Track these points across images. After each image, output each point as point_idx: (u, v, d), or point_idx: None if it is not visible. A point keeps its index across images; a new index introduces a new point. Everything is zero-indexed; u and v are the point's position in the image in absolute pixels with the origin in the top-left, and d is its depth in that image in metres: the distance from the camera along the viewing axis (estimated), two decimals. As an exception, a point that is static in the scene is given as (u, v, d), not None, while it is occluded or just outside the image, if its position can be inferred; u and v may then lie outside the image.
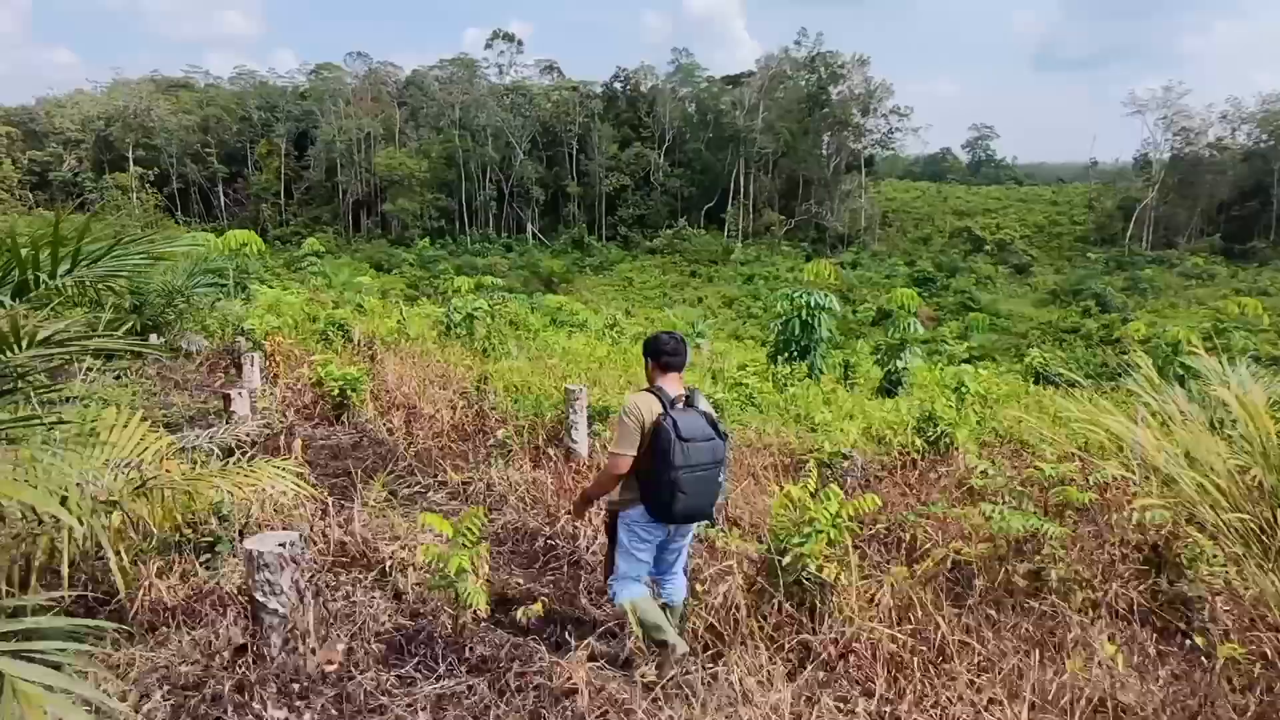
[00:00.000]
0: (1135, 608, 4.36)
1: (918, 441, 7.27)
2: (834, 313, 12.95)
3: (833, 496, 4.02)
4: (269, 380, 8.28)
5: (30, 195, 79.23)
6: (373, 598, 3.83)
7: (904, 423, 8.04)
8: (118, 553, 3.16)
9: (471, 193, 78.64)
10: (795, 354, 12.74)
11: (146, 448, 3.55)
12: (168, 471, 3.31)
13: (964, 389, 10.37)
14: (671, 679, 3.26)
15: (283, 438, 6.57)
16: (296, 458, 4.91)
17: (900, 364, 12.41)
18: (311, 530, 4.31)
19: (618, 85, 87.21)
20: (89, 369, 9.36)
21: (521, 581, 4.41)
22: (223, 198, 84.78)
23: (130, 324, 10.24)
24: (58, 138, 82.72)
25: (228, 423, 5.59)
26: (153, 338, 9.82)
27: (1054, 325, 50.70)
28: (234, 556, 4.25)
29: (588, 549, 4.82)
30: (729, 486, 5.78)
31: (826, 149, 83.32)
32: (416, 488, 5.66)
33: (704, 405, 3.69)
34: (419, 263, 64.80)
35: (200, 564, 4.01)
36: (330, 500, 5.25)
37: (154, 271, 11.06)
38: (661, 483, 3.43)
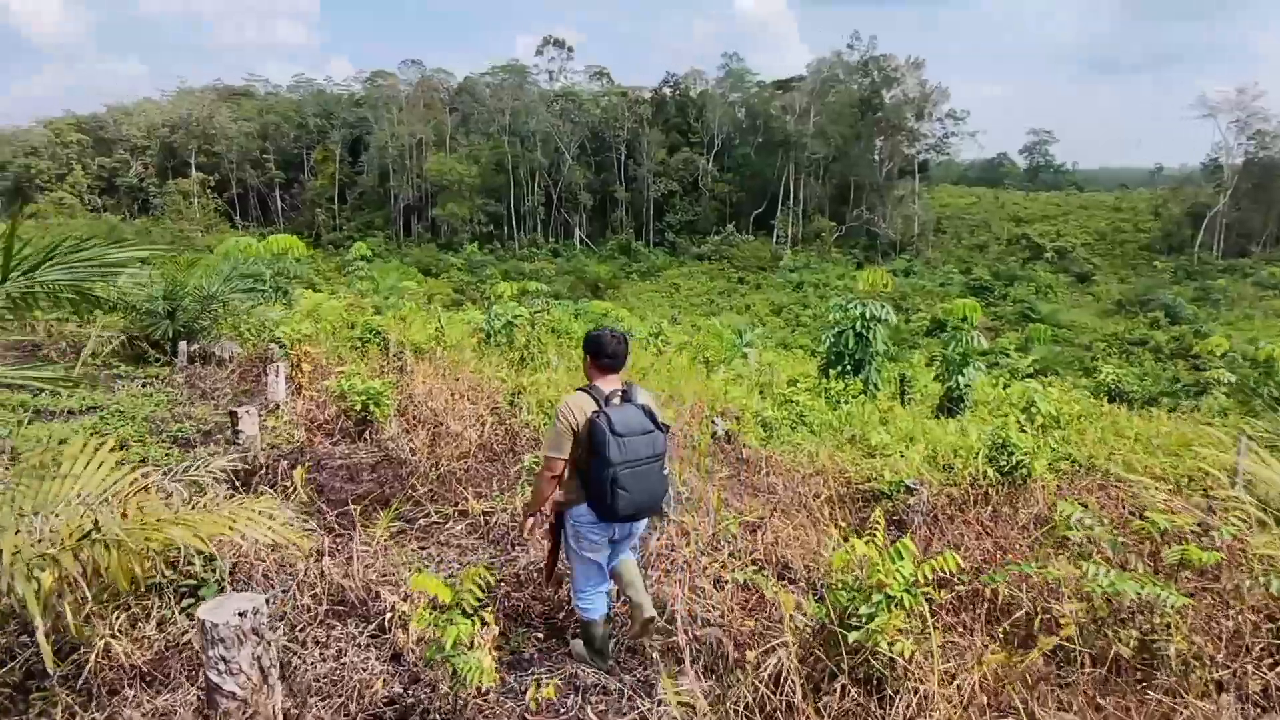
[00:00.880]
0: (1271, 691, 3.64)
1: (990, 472, 6.55)
2: (890, 324, 12.20)
3: (906, 553, 3.39)
4: (294, 391, 7.92)
5: (98, 200, 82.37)
6: (367, 658, 3.33)
7: (973, 449, 7.31)
8: (52, 610, 2.70)
9: (520, 198, 78.97)
10: (848, 368, 12.03)
11: (114, 483, 3.10)
12: (124, 515, 2.85)
13: (1034, 409, 9.55)
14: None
15: (282, 461, 6.16)
16: (297, 488, 4.44)
17: (962, 380, 11.60)
18: (306, 572, 3.83)
19: (667, 91, 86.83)
20: (119, 376, 9.17)
21: (542, 637, 3.87)
22: (279, 202, 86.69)
23: (164, 329, 10.04)
24: (125, 145, 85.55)
25: (235, 441, 5.18)
26: (182, 345, 9.57)
27: (1120, 337, 48.52)
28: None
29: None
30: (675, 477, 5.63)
31: (879, 154, 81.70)
32: (435, 517, 5.17)
33: (642, 399, 3.63)
34: (466, 267, 65.23)
35: (180, 610, 3.56)
36: (338, 530, 4.80)
37: (189, 276, 10.90)
38: (600, 480, 3.40)
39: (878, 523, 3.79)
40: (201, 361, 10.12)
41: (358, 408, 6.74)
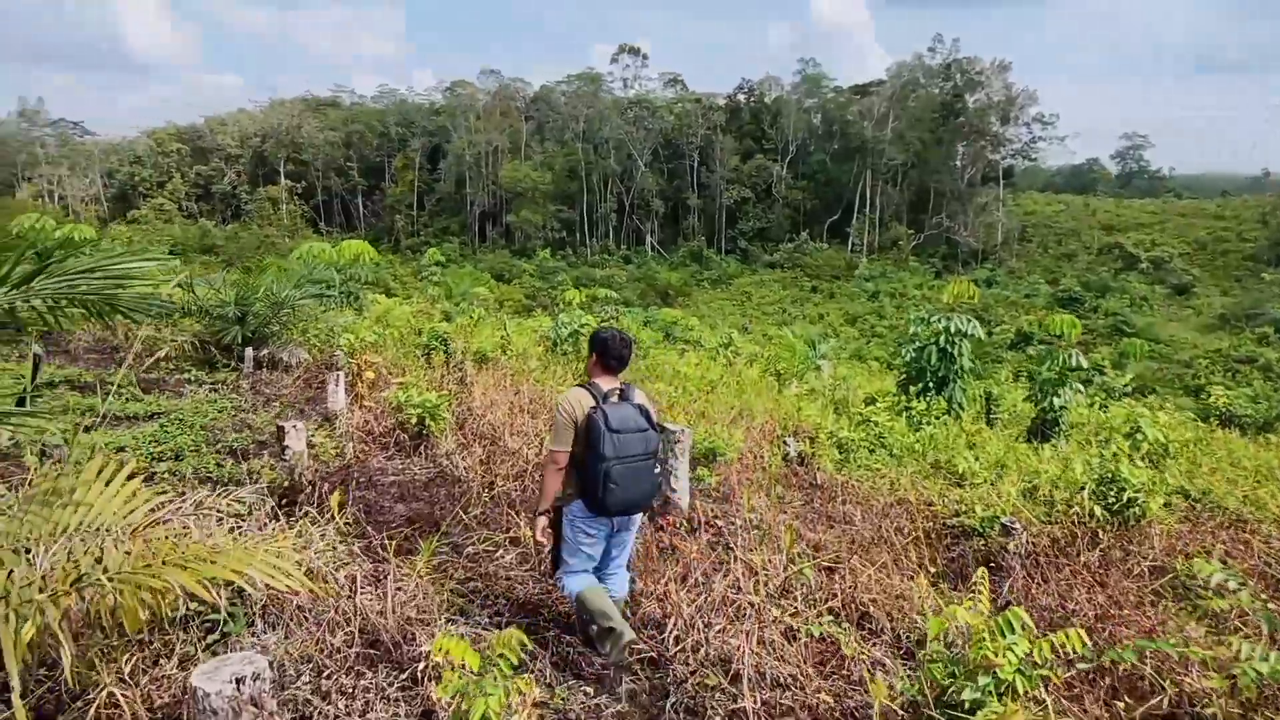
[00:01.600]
0: None
1: (1097, 510, 5.86)
2: (978, 340, 11.41)
3: (1017, 624, 2.87)
4: (354, 401, 7.77)
5: (194, 206, 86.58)
6: (396, 715, 3.00)
7: (1075, 481, 6.60)
8: (54, 649, 2.43)
9: (592, 205, 79.42)
10: (931, 385, 11.30)
11: (129, 513, 2.85)
12: (128, 553, 2.58)
13: (1140, 435, 8.70)
14: (618, 662, 3.58)
15: (330, 479, 5.94)
16: (333, 517, 4.18)
17: (1058, 402, 10.73)
18: (338, 609, 3.53)
19: (741, 97, 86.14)
20: (188, 381, 9.23)
21: (590, 693, 3.47)
22: (361, 209, 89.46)
23: (234, 334, 10.10)
24: (220, 154, 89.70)
25: (282, 457, 4.97)
26: (248, 351, 9.59)
27: (1224, 354, 45.41)
28: (251, 634, 3.54)
29: (675, 642, 3.84)
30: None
31: (960, 159, 79.10)
32: (485, 544, 4.85)
33: (638, 399, 3.75)
34: (538, 273, 65.80)
35: (205, 647, 3.31)
36: (381, 556, 4.52)
37: (261, 281, 10.97)
38: (594, 474, 3.49)
39: (979, 586, 3.25)
40: (269, 367, 10.14)
41: (413, 421, 6.52)
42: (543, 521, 3.78)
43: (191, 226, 72.27)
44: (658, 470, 3.73)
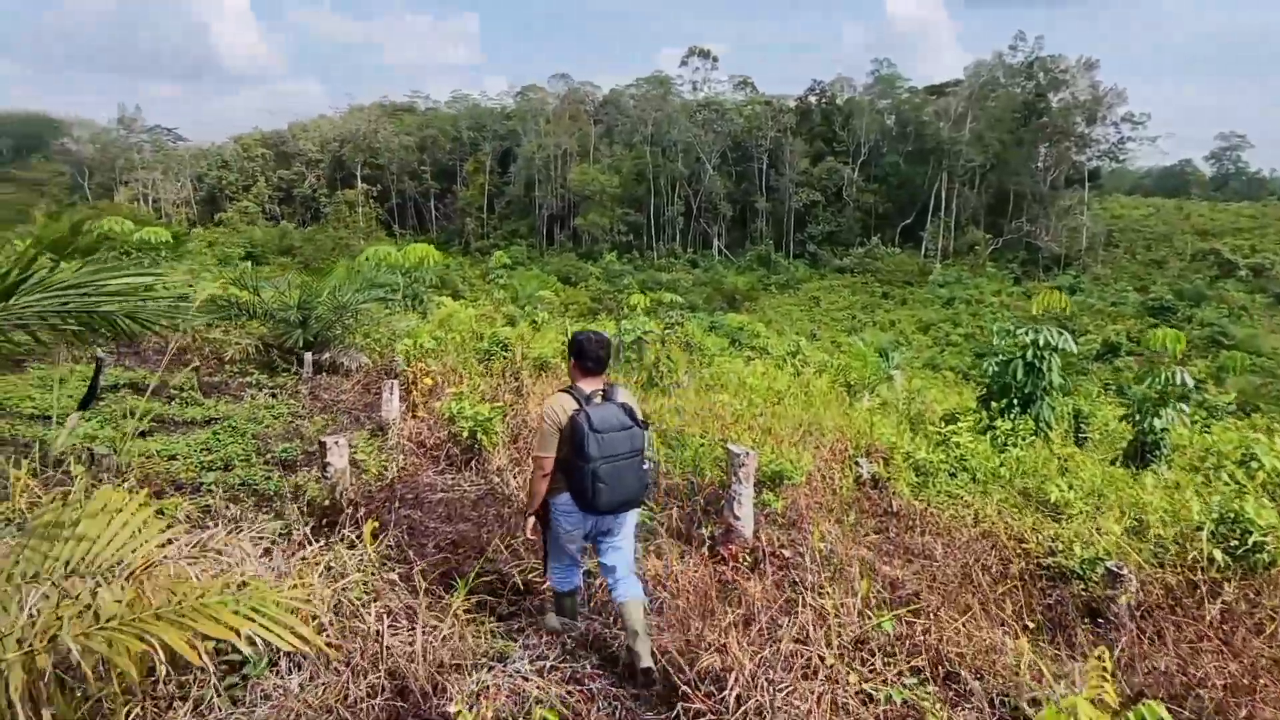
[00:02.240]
0: None
1: (1217, 554, 5.18)
2: (1069, 355, 10.61)
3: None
4: (408, 410, 7.58)
5: (276, 209, 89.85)
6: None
7: (1189, 518, 5.91)
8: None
9: (660, 208, 79.21)
10: (1015, 402, 10.54)
11: (135, 549, 2.60)
12: (117, 601, 2.30)
13: (1255, 463, 7.85)
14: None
15: (374, 499, 5.69)
16: (382, 535, 3.90)
17: (1158, 424, 9.86)
18: (362, 655, 3.23)
19: (812, 99, 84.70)
20: (249, 385, 9.23)
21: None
22: (433, 211, 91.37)
23: (295, 337, 10.09)
24: (301, 158, 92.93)
25: (323, 474, 4.73)
26: (308, 356, 9.55)
27: (1334, 368, 42.27)
28: (274, 673, 3.27)
29: (737, 703, 3.42)
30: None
31: (1043, 161, 75.96)
32: (534, 573, 4.52)
33: (622, 397, 3.81)
34: (604, 277, 65.91)
35: (224, 690, 3.05)
36: (422, 583, 4.23)
37: (325, 284, 10.95)
38: (581, 475, 3.58)
39: (1094, 655, 2.74)
40: (330, 371, 10.10)
41: (465, 435, 6.25)
42: (531, 522, 4.01)
43: (272, 229, 74.89)
44: (646, 466, 3.82)
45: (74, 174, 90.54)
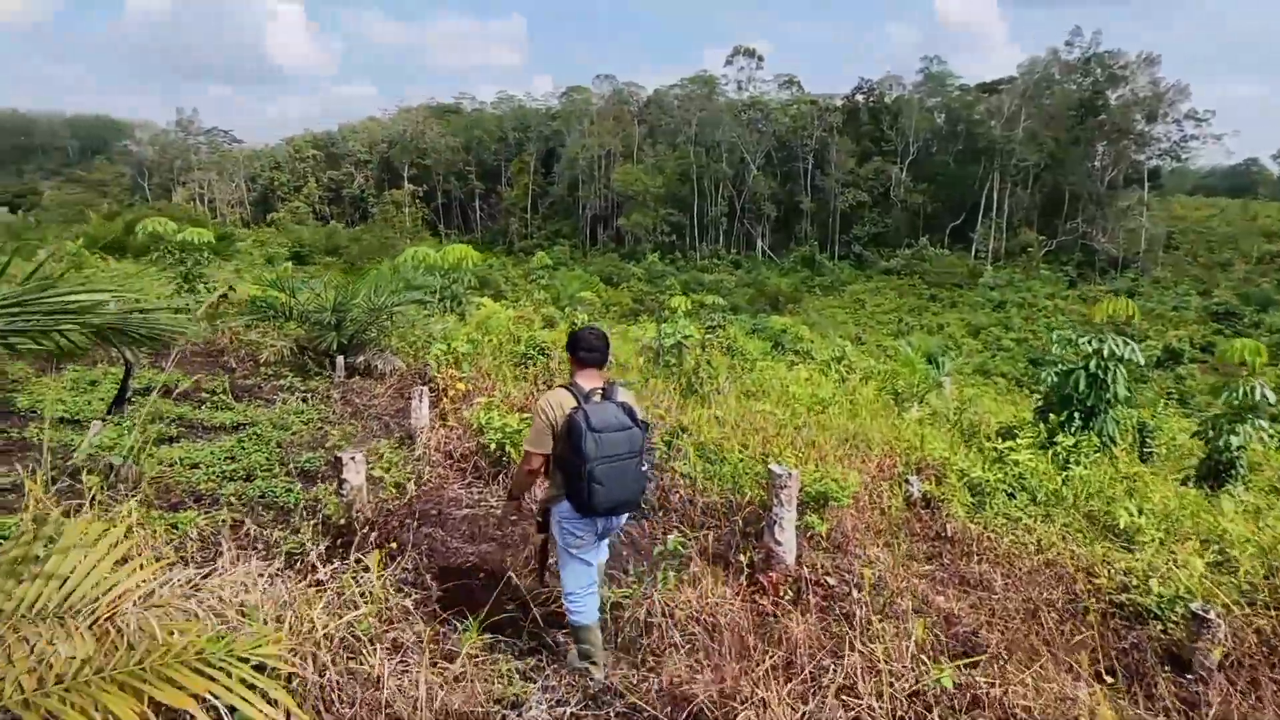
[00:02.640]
0: None
1: (1317, 597, 4.66)
2: (1136, 365, 9.98)
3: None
4: (437, 418, 7.35)
5: (326, 209, 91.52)
6: None
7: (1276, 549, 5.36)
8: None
9: (703, 208, 78.70)
10: (1077, 415, 9.95)
11: (107, 589, 2.34)
12: (71, 658, 2.04)
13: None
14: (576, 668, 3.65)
15: (394, 516, 5.44)
16: (401, 554, 3.64)
17: (1235, 441, 9.19)
18: (360, 704, 2.95)
19: (860, 98, 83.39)
20: (281, 388, 9.11)
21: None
22: (478, 211, 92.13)
23: (330, 340, 9.96)
24: (350, 159, 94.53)
25: (339, 492, 4.49)
26: (340, 359, 9.40)
27: None
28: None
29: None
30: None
31: (1100, 160, 73.54)
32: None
33: (621, 397, 3.71)
34: (646, 277, 65.61)
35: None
36: (438, 614, 3.96)
37: (361, 286, 10.82)
38: (578, 475, 3.48)
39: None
40: (364, 374, 9.96)
41: (493, 446, 5.98)
42: (512, 505, 4.04)
43: (320, 228, 76.20)
44: (645, 468, 3.72)
45: (134, 175, 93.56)
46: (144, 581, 2.43)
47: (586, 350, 3.73)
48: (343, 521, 4.34)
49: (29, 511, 4.49)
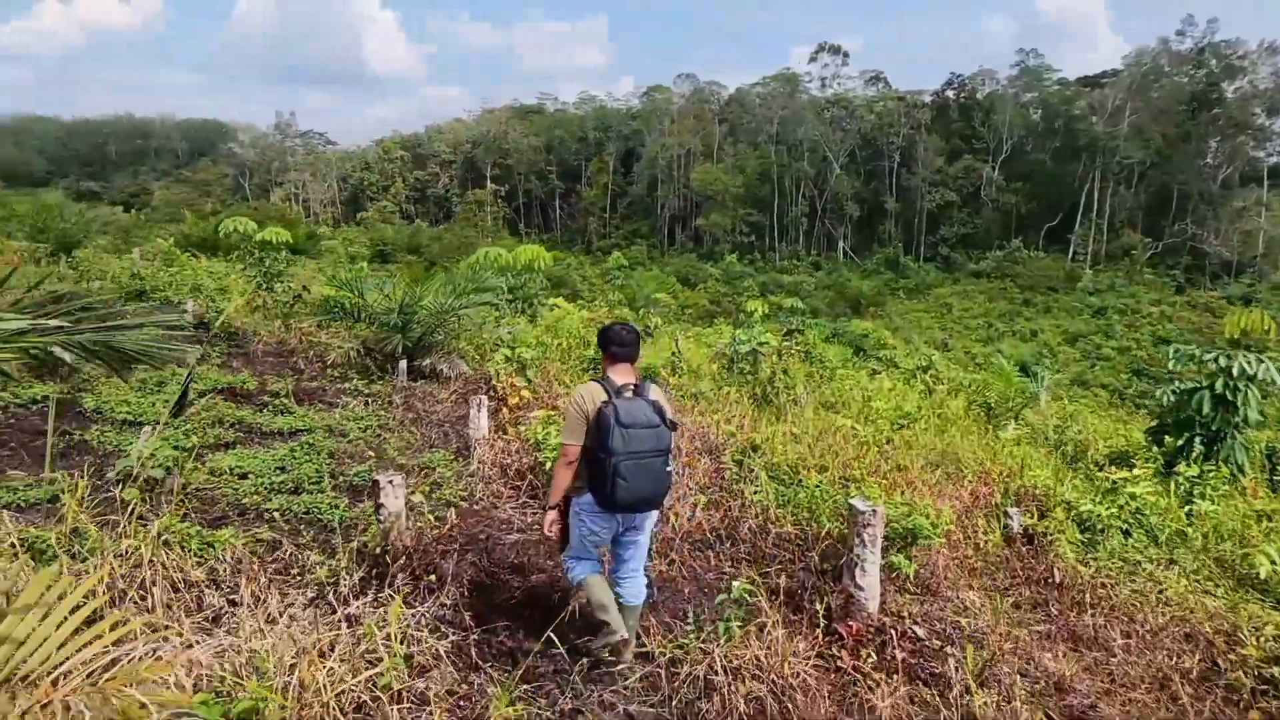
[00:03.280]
0: None
1: None
2: (1272, 384, 8.88)
3: None
4: (497, 429, 7.02)
5: (412, 208, 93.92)
6: None
7: None
8: None
9: (783, 208, 77.28)
10: (1199, 440, 8.92)
11: (68, 656, 2.01)
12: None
13: None
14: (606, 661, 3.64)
15: (439, 543, 5.09)
16: (442, 586, 3.26)
17: (1391, 475, 8.05)
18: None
19: (950, 93, 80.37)
20: (344, 391, 8.98)
21: None
22: (558, 211, 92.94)
23: (395, 343, 9.80)
24: (436, 160, 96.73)
25: (376, 515, 4.15)
26: (402, 364, 9.21)
27: None
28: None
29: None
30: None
31: (1212, 157, 68.70)
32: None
33: (653, 395, 3.71)
34: (724, 278, 64.75)
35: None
36: (480, 654, 3.58)
37: (429, 288, 10.65)
38: (603, 469, 3.49)
39: None
40: (429, 377, 9.77)
41: (548, 466, 5.58)
42: (551, 515, 3.86)
43: (404, 227, 78.11)
44: (670, 467, 3.73)
45: (236, 176, 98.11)
46: (107, 649, 2.08)
47: (618, 345, 3.75)
48: (379, 550, 4.00)
49: (66, 524, 4.33)
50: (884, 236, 75.47)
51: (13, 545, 4.21)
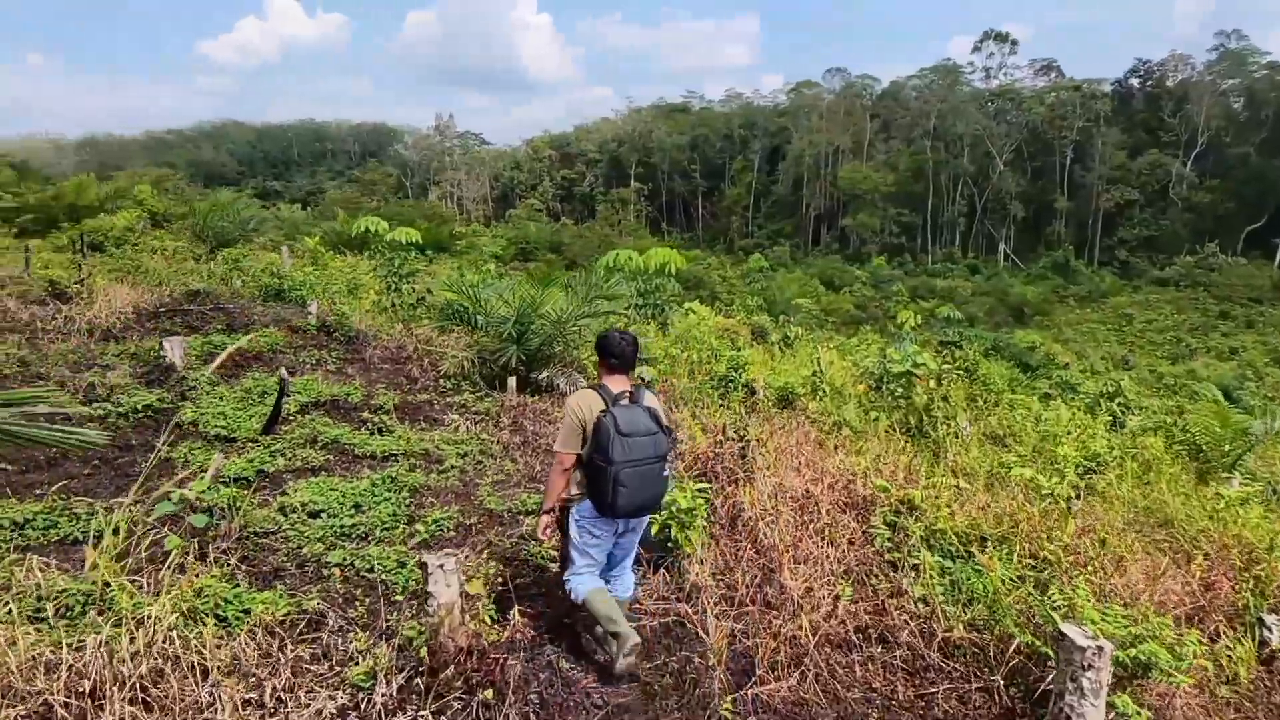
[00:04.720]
0: None
1: None
2: None
3: None
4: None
5: (558, 206, 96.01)
6: None
7: None
8: None
9: (938, 208, 72.75)
10: None
11: None
12: None
13: None
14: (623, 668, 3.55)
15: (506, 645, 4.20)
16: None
17: None
18: None
19: (1134, 81, 72.88)
20: (450, 405, 8.38)
21: None
22: (700, 209, 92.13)
23: (510, 355, 9.12)
24: (582, 159, 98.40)
25: (424, 609, 3.29)
26: (511, 381, 8.50)
27: None
28: None
29: None
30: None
31: None
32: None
33: (649, 401, 3.74)
34: (871, 282, 61.54)
35: None
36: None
37: (551, 295, 9.94)
38: (603, 477, 3.50)
39: None
40: (547, 393, 9.05)
41: (654, 530, 4.58)
42: (545, 520, 3.81)
43: (547, 225, 79.66)
44: (667, 473, 3.72)
45: (399, 175, 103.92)
46: None
47: (616, 356, 3.74)
48: (424, 652, 3.14)
49: (100, 575, 3.77)
50: (1052, 238, 69.44)
51: (38, 599, 3.71)
